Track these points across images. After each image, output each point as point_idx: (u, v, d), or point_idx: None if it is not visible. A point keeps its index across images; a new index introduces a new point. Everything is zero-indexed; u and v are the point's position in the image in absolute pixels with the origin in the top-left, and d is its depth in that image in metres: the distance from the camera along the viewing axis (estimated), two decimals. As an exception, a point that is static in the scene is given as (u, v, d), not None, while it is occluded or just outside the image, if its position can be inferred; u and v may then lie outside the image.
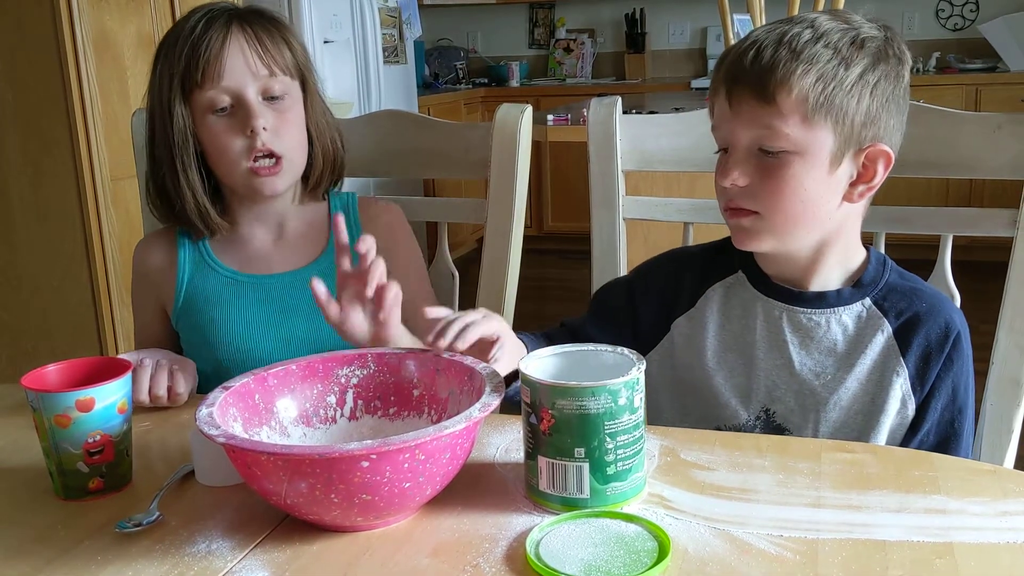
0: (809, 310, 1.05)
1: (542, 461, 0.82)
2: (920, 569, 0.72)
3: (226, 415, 0.85)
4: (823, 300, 1.05)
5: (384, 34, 3.97)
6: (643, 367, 0.83)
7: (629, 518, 0.80)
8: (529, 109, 1.36)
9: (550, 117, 3.03)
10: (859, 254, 1.07)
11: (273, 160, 1.21)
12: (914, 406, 1.03)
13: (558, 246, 5.05)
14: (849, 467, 0.88)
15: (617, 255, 1.37)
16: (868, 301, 1.04)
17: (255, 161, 1.20)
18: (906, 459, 0.90)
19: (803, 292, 1.05)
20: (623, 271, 1.37)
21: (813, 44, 0.95)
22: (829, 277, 1.05)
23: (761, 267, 1.08)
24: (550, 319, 1.18)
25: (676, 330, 1.12)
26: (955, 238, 1.23)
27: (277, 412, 0.92)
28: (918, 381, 1.03)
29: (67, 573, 0.77)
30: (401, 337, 1.04)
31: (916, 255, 1.82)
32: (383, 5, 3.99)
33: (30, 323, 2.42)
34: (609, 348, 0.88)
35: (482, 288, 1.38)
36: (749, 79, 0.96)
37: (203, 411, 0.82)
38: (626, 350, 0.87)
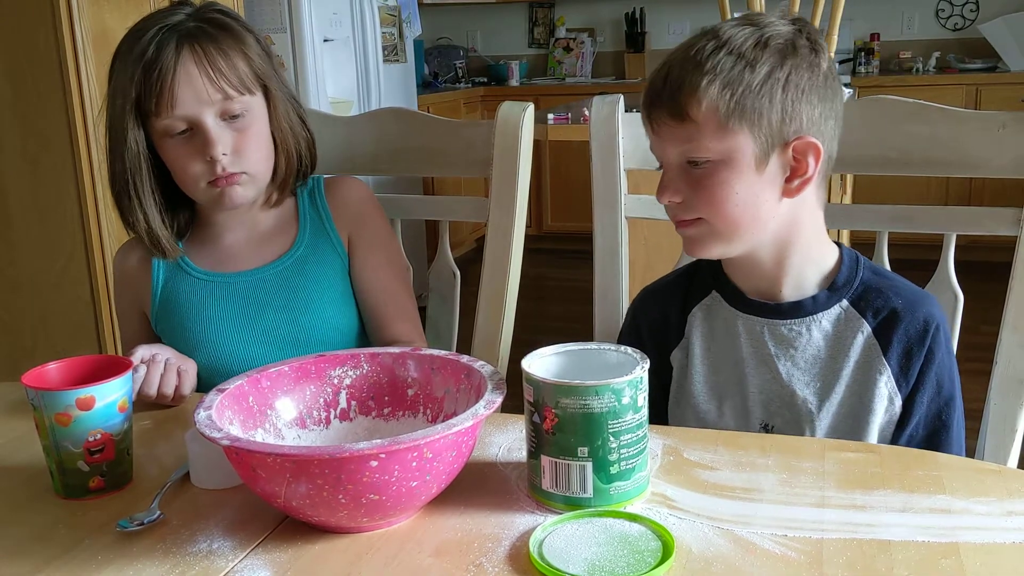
0: (788, 321, 1.05)
1: (545, 460, 0.82)
2: (925, 569, 0.71)
3: (222, 418, 0.84)
4: (800, 309, 1.05)
5: (384, 33, 3.97)
6: (647, 366, 0.83)
7: (633, 517, 0.79)
8: (531, 107, 1.35)
9: (550, 116, 3.03)
10: (831, 254, 1.07)
11: (235, 176, 1.18)
12: (900, 402, 1.03)
13: (557, 246, 5.05)
14: (852, 467, 0.88)
15: (619, 254, 1.37)
16: (845, 303, 1.04)
17: (216, 179, 1.18)
18: (910, 459, 0.90)
19: (780, 304, 1.05)
20: (625, 270, 1.37)
21: (716, 54, 0.96)
22: (802, 281, 1.05)
23: (733, 281, 1.09)
24: (549, 319, 1.18)
25: (675, 364, 1.12)
26: (956, 238, 1.22)
27: (271, 415, 0.92)
28: (902, 377, 1.03)
29: (68, 572, 0.76)
30: None
31: (918, 255, 1.82)
32: (383, 4, 3.99)
33: (29, 321, 2.42)
34: (612, 347, 0.88)
35: (484, 287, 1.38)
36: (663, 100, 0.99)
37: (201, 414, 0.82)
38: (629, 349, 0.87)
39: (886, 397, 1.03)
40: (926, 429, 1.03)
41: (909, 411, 1.03)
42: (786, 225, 1.02)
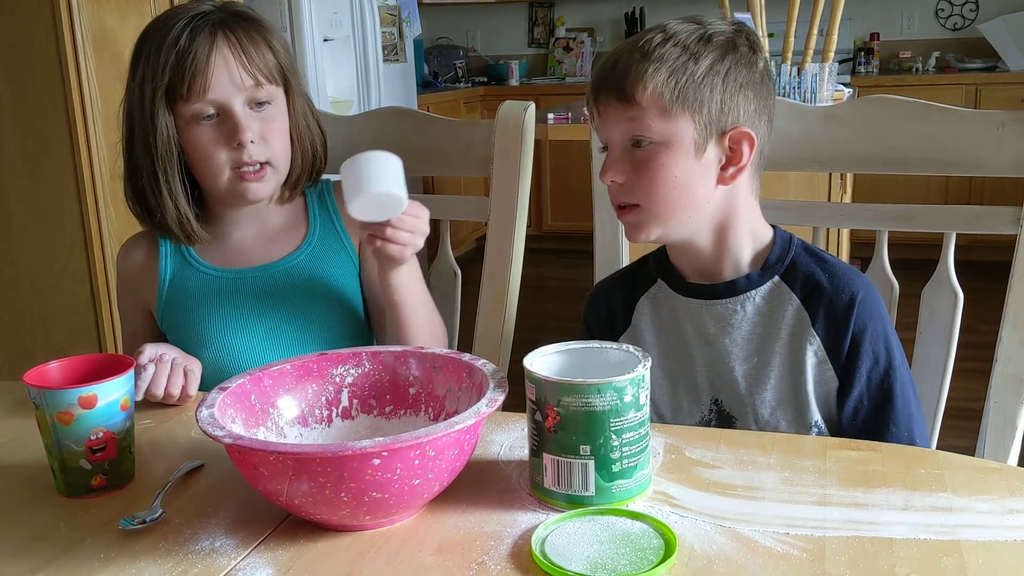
0: (724, 300, 1.11)
1: (547, 458, 0.82)
2: (927, 567, 0.71)
3: (225, 416, 0.84)
4: (735, 288, 1.10)
5: (384, 32, 3.97)
6: (648, 364, 0.83)
7: (635, 516, 0.79)
8: (532, 106, 1.36)
9: (550, 116, 3.03)
10: (766, 236, 1.12)
11: (259, 167, 1.20)
12: (834, 372, 1.06)
13: (557, 245, 5.05)
14: (854, 465, 0.88)
15: (619, 253, 1.37)
16: (777, 278, 1.10)
17: (241, 168, 1.19)
18: (911, 457, 0.90)
19: (716, 285, 1.11)
20: (625, 269, 1.37)
21: (663, 45, 1.03)
22: (740, 264, 1.11)
23: (677, 268, 1.14)
24: (549, 319, 1.19)
25: None
26: (956, 237, 1.22)
27: (273, 413, 0.92)
28: (832, 347, 1.06)
29: (70, 571, 0.76)
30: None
31: (918, 254, 1.82)
32: (383, 3, 3.99)
33: (29, 321, 2.42)
34: (614, 345, 0.88)
35: (484, 287, 1.38)
36: (610, 85, 1.05)
37: (203, 412, 0.82)
38: (631, 347, 0.87)
39: (815, 365, 1.07)
40: (871, 400, 1.07)
41: (850, 383, 1.06)
42: (723, 212, 1.08)
